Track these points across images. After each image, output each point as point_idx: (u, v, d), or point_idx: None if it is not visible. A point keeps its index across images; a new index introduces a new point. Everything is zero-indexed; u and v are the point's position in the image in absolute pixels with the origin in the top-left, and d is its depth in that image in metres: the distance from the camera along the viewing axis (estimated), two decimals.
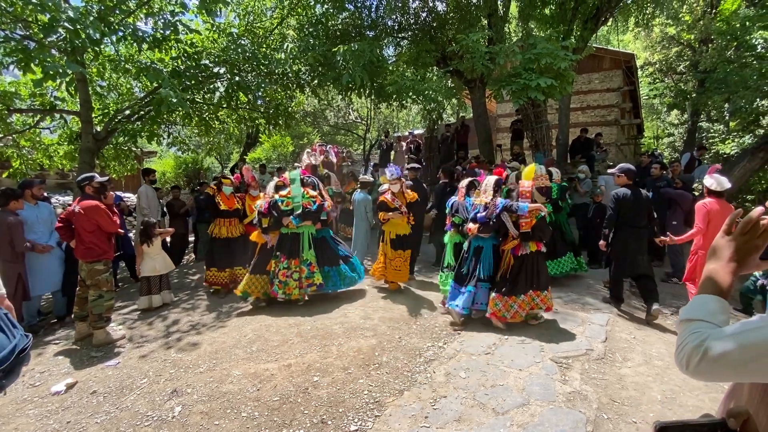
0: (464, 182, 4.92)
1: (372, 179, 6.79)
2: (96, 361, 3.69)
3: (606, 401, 2.91)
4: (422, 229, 6.21)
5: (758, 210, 0.91)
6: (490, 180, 4.35)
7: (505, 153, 12.91)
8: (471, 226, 4.26)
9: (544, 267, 4.24)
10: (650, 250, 7.22)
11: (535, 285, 4.10)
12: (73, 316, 4.29)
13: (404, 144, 11.83)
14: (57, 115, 7.72)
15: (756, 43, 9.61)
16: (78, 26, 4.93)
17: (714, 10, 13.12)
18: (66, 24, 4.91)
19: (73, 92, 6.39)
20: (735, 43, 10.26)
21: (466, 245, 4.43)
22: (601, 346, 3.71)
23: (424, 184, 6.53)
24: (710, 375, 0.82)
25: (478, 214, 4.22)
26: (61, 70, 4.88)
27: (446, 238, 4.93)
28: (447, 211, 4.91)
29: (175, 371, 3.42)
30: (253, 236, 5.17)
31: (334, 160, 12.47)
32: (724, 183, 4.17)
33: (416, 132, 14.20)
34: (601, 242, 4.76)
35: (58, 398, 3.10)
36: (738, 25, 9.62)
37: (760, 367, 0.75)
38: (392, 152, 12.26)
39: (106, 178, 4.26)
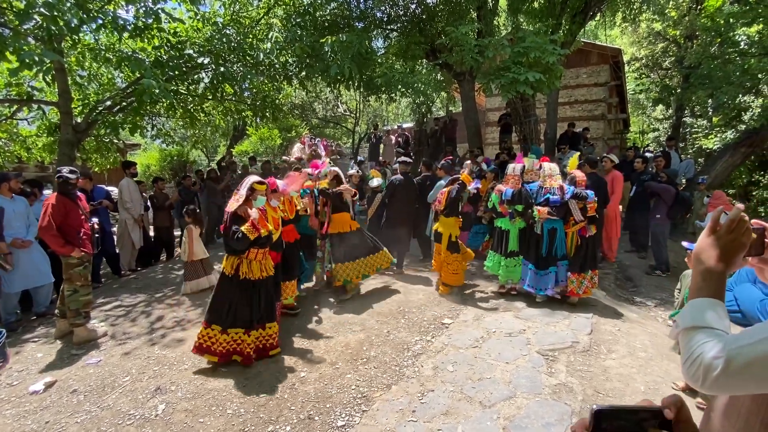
0: (517, 168, 4.89)
1: (359, 172, 6.75)
2: (77, 359, 3.60)
3: (591, 393, 2.95)
4: (411, 224, 6.19)
5: (739, 207, 0.89)
6: (554, 166, 4.79)
7: (494, 147, 12.95)
8: (542, 209, 4.58)
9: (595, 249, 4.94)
10: (634, 243, 7.38)
11: (592, 264, 4.69)
12: (56, 311, 4.17)
13: (393, 137, 11.77)
14: (35, 106, 7.46)
15: (739, 39, 9.75)
16: (55, 13, 4.74)
17: (699, 7, 13.26)
18: (42, 10, 4.72)
19: (51, 82, 6.17)
20: (719, 40, 10.40)
21: (538, 229, 4.69)
22: (586, 339, 3.76)
23: (415, 178, 6.50)
24: (730, 388, 0.76)
25: (551, 197, 4.56)
26: (37, 59, 4.70)
27: (505, 225, 4.92)
28: (497, 202, 4.89)
29: (159, 368, 3.36)
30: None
31: (323, 153, 12.36)
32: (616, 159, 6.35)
33: (405, 125, 14.13)
34: None
35: (37, 397, 3.01)
36: (722, 22, 9.74)
37: None
38: (381, 146, 12.20)
39: (75, 175, 3.99)
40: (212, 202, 8.25)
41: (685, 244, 2.95)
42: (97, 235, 4.24)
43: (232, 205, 3.36)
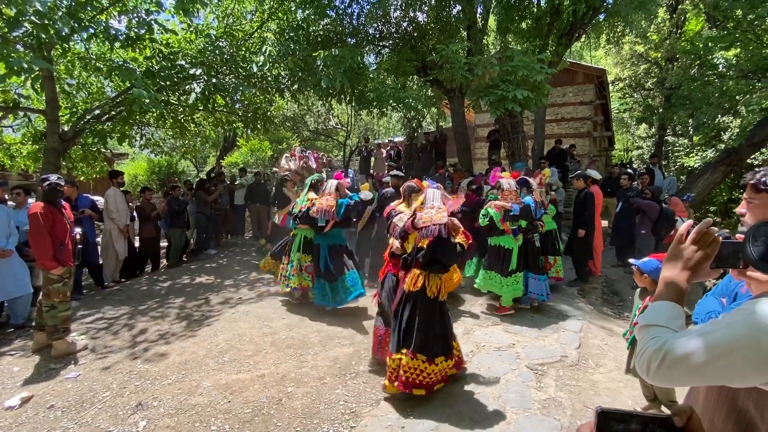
0: (512, 183, 4.76)
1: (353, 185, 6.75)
2: (55, 373, 3.48)
3: (579, 407, 2.95)
4: None
5: (707, 221, 0.96)
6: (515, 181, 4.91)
7: (483, 162, 13.14)
8: (543, 223, 4.94)
9: None
10: (620, 258, 7.49)
11: None
12: (33, 324, 4.03)
13: (384, 151, 11.86)
14: (20, 113, 7.35)
15: (717, 62, 10.17)
16: (46, 21, 4.72)
17: (679, 31, 13.85)
18: (33, 18, 4.70)
19: (39, 89, 6.11)
20: (698, 62, 10.83)
21: (539, 242, 5.02)
22: (574, 353, 3.77)
23: None
24: (670, 379, 0.84)
25: (543, 212, 4.95)
26: (26, 66, 4.66)
27: (508, 243, 4.72)
28: (498, 219, 4.60)
29: (141, 383, 3.26)
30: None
31: (314, 165, 12.34)
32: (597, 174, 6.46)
33: (396, 139, 14.27)
34: None
35: (12, 413, 2.89)
36: (701, 46, 10.17)
37: (716, 370, 0.78)
38: (372, 159, 12.28)
39: (58, 182, 3.89)
40: (201, 213, 8.16)
41: (632, 261, 2.87)
42: (80, 246, 4.13)
43: (438, 217, 2.96)
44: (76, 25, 5.14)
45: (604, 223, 7.42)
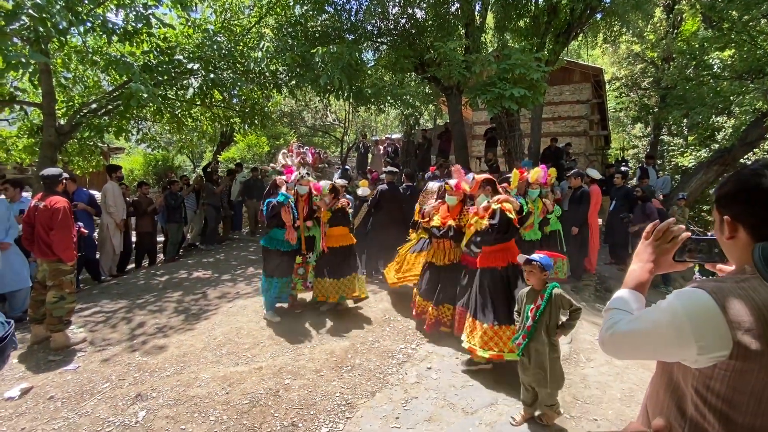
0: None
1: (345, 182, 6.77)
2: (54, 365, 3.52)
3: (570, 400, 3.03)
4: (397, 232, 6.23)
5: (669, 220, 1.12)
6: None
7: (480, 160, 13.19)
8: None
9: None
10: (613, 255, 7.58)
11: None
12: (28, 319, 4.07)
13: (381, 148, 11.89)
14: (16, 107, 7.32)
15: (713, 63, 10.25)
16: (44, 14, 4.72)
17: (676, 31, 13.92)
18: (31, 11, 4.69)
19: (36, 83, 6.09)
20: (694, 63, 10.90)
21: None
22: (566, 347, 3.85)
23: (400, 188, 6.59)
24: (618, 352, 1.04)
25: None
26: (24, 60, 4.66)
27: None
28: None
29: (140, 375, 3.31)
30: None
31: (311, 161, 12.38)
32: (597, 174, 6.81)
33: (394, 136, 14.31)
34: None
35: (12, 404, 2.93)
36: (697, 46, 10.24)
37: (647, 346, 0.96)
38: (369, 155, 12.31)
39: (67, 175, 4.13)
40: (209, 204, 8.26)
41: (523, 257, 2.68)
42: (83, 238, 4.24)
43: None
44: (73, 18, 5.13)
45: (599, 221, 7.51)
